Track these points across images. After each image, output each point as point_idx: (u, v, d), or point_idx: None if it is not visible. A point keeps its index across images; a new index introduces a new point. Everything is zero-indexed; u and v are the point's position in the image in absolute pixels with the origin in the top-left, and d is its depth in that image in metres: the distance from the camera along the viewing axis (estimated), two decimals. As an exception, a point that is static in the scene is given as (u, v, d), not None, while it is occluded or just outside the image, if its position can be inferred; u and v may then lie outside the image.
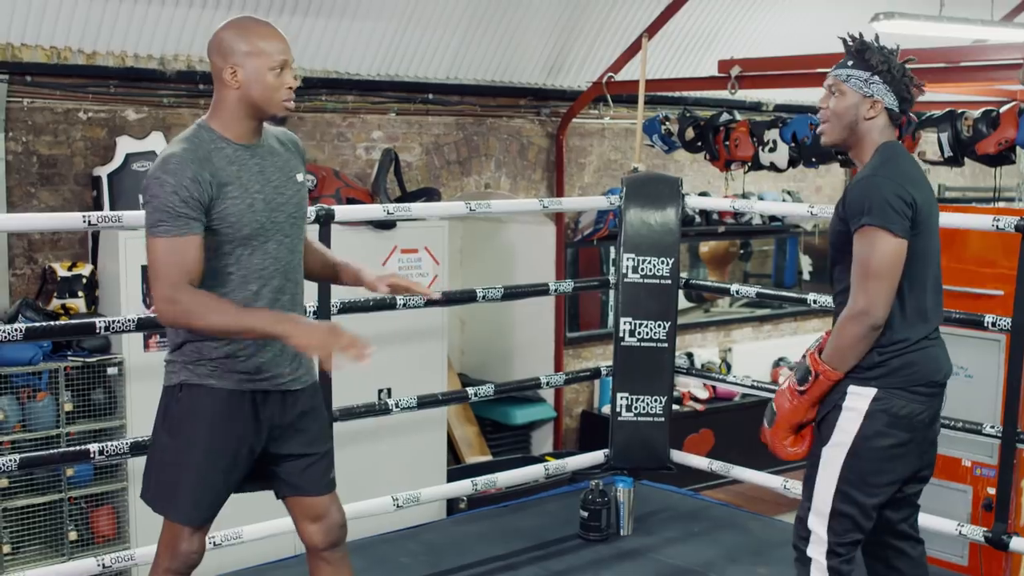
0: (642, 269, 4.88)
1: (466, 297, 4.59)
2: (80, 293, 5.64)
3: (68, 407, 5.36)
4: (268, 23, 2.94)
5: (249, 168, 2.92)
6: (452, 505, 6.57)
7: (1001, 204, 7.85)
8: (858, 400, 3.12)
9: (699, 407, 8.54)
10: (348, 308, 4.19)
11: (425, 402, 4.59)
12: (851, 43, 3.20)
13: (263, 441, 3.02)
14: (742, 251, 9.79)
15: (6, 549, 5.24)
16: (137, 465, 5.37)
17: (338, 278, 3.33)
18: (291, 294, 3.04)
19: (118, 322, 3.76)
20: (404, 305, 4.34)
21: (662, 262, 4.89)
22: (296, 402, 3.08)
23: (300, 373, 3.08)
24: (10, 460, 3.61)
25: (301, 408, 3.09)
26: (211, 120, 2.93)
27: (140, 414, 5.45)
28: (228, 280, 2.91)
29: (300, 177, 3.07)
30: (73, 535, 5.40)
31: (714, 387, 8.64)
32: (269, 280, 2.96)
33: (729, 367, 9.07)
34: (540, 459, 7.12)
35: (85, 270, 5.68)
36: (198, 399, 2.94)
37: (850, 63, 3.18)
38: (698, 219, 8.37)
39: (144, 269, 5.53)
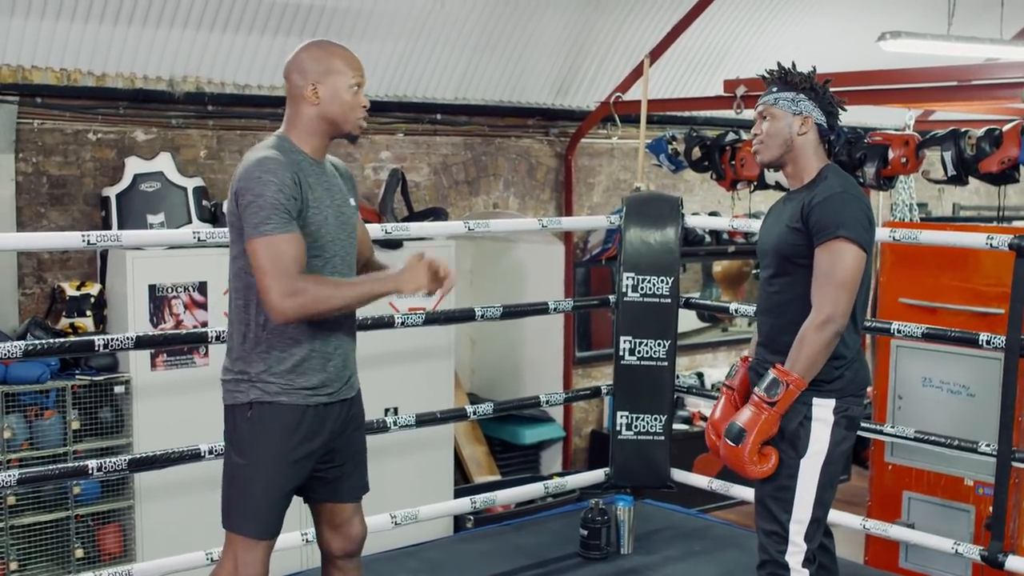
0: (642, 288, 4.91)
1: (464, 316, 4.61)
2: (88, 312, 5.68)
3: (75, 425, 5.41)
4: (345, 47, 3.05)
5: (322, 183, 3.02)
6: (460, 524, 6.58)
7: (1019, 224, 7.82)
8: (824, 411, 3.26)
9: (709, 427, 8.49)
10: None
11: (424, 420, 4.61)
12: (772, 74, 3.37)
13: (324, 452, 3.09)
14: (755, 270, 9.77)
15: (13, 566, 5.28)
16: (143, 482, 5.45)
17: None
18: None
19: (117, 340, 3.81)
20: (402, 324, 4.39)
21: (662, 281, 4.91)
22: (349, 409, 3.15)
23: (353, 380, 3.16)
24: (9, 476, 3.66)
25: (351, 414, 3.16)
26: (288, 133, 3.02)
27: (147, 432, 5.50)
28: None
29: (353, 201, 3.16)
30: (80, 552, 5.44)
31: (725, 407, 8.59)
32: None
33: (740, 387, 9.01)
34: (547, 479, 7.10)
35: (94, 290, 5.72)
36: (270, 417, 2.98)
37: (775, 88, 3.35)
38: (708, 238, 8.35)
39: (152, 288, 5.59)
